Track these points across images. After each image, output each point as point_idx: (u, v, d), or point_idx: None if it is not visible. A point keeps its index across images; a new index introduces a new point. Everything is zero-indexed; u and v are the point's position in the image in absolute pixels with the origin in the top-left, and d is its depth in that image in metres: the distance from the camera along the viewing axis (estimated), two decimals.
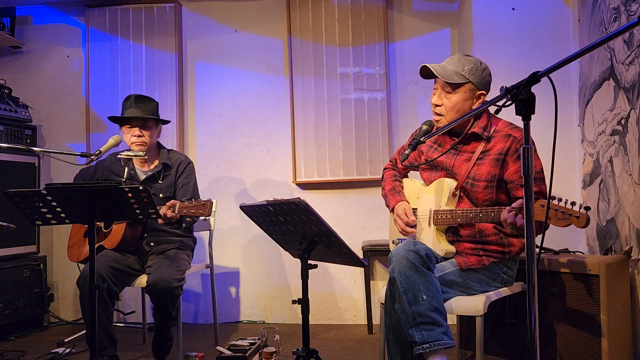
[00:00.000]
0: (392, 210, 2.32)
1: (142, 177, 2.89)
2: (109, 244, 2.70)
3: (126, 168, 2.85)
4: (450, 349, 1.88)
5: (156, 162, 2.93)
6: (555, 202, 1.70)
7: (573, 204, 1.71)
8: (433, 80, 2.18)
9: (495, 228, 2.10)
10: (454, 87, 2.09)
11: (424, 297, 1.87)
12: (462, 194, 2.15)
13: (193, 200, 2.55)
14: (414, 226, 2.20)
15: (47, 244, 3.94)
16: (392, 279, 1.96)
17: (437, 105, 2.14)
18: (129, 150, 2.80)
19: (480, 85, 2.12)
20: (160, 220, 2.57)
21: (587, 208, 1.67)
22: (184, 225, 2.80)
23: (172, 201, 2.56)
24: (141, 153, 2.75)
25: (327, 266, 3.64)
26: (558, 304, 2.31)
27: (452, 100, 2.11)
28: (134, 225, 2.72)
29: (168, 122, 3.08)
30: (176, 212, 2.50)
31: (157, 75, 3.88)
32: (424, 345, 1.84)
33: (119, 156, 2.79)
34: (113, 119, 2.92)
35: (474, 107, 2.13)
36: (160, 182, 2.86)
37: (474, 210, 2.02)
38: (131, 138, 2.81)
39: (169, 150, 3.00)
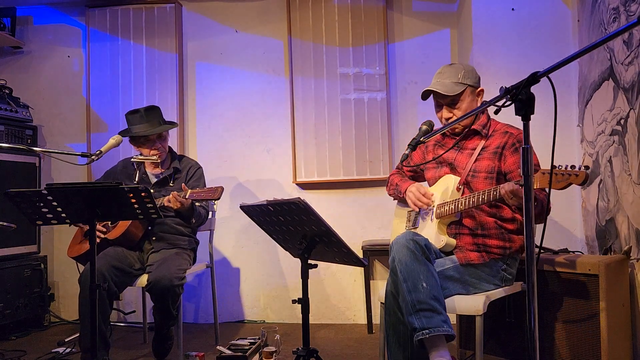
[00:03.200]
0: (404, 193, 2.36)
1: (154, 180, 2.94)
2: (112, 235, 2.72)
3: (138, 171, 2.94)
4: (450, 340, 1.89)
5: (167, 166, 2.98)
6: (556, 168, 1.74)
7: (573, 167, 1.75)
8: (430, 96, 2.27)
9: (496, 223, 2.14)
10: (458, 97, 2.20)
11: (424, 284, 1.89)
12: (464, 187, 2.21)
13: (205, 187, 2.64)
14: (430, 198, 2.25)
15: (48, 243, 3.94)
16: (392, 268, 1.99)
17: (448, 119, 2.23)
18: (141, 154, 2.90)
19: (476, 84, 2.25)
20: (169, 204, 2.61)
21: (587, 167, 1.70)
22: (193, 220, 2.80)
23: (183, 185, 2.63)
24: (154, 157, 2.85)
25: (327, 266, 3.64)
26: (558, 304, 2.31)
27: (462, 109, 2.21)
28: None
29: (176, 125, 3.13)
30: (187, 197, 2.57)
31: (157, 76, 3.89)
32: (423, 331, 1.85)
33: (132, 159, 2.90)
34: (132, 139, 2.92)
35: (479, 104, 2.24)
36: (171, 184, 2.92)
37: (475, 193, 2.06)
38: (152, 151, 2.88)
39: (180, 156, 3.07)
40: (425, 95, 2.26)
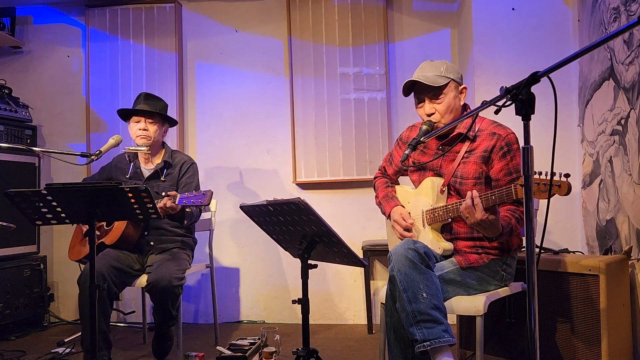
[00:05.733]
0: (388, 217, 2.34)
1: (146, 174, 2.91)
2: (109, 240, 2.71)
3: (131, 165, 2.90)
4: (451, 347, 1.88)
5: (159, 160, 2.95)
6: (537, 176, 1.69)
7: (554, 174, 1.71)
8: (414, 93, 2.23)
9: None
10: (442, 89, 2.14)
11: (424, 295, 1.87)
12: (451, 191, 2.16)
13: (194, 191, 2.57)
14: (411, 230, 2.21)
15: (48, 243, 3.94)
16: (391, 277, 1.96)
17: (430, 114, 2.17)
18: (134, 145, 2.85)
19: (460, 80, 2.19)
20: (160, 211, 2.57)
21: (567, 175, 1.67)
22: (185, 222, 2.80)
23: (172, 192, 2.57)
24: (144, 148, 2.80)
25: (327, 266, 3.62)
26: (558, 304, 2.31)
27: (445, 103, 2.15)
28: (135, 222, 2.73)
29: (175, 122, 3.09)
30: (176, 201, 2.52)
31: (157, 75, 3.89)
32: (425, 343, 1.84)
33: (123, 150, 2.86)
34: (121, 112, 2.95)
35: (461, 103, 2.20)
36: (162, 179, 2.88)
37: (462, 200, 2.02)
38: (137, 131, 2.85)
39: (172, 151, 3.02)
40: (407, 91, 2.22)
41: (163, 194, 2.80)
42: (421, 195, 2.23)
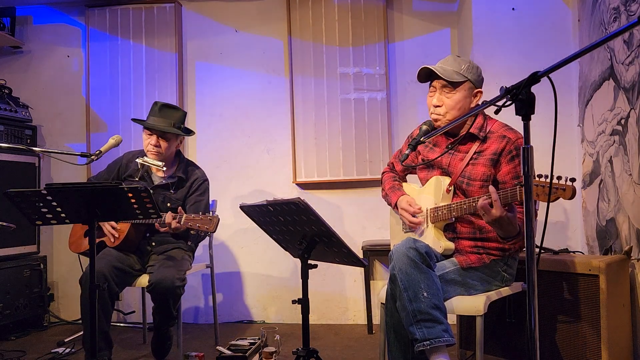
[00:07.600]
0: (395, 206, 2.33)
1: (156, 181, 2.87)
2: (111, 243, 2.70)
3: (141, 169, 2.86)
4: (451, 346, 1.89)
5: (172, 172, 2.89)
6: (542, 179, 1.69)
7: (559, 178, 1.71)
8: (428, 82, 2.20)
9: None
10: (455, 85, 2.11)
11: (425, 294, 1.87)
12: (458, 191, 2.16)
13: (200, 214, 2.53)
14: (419, 220, 2.21)
15: (47, 243, 3.94)
16: (392, 276, 1.97)
17: (437, 106, 2.15)
18: (147, 157, 2.79)
19: (477, 83, 2.15)
20: (160, 227, 2.56)
21: (573, 179, 1.67)
22: (189, 242, 2.77)
23: (179, 209, 2.53)
24: (160, 163, 2.73)
25: (327, 266, 3.62)
26: (558, 304, 2.31)
27: (453, 99, 2.12)
28: (138, 225, 2.73)
29: (192, 133, 3.03)
30: (182, 222, 2.48)
31: (157, 75, 3.89)
32: (424, 342, 1.84)
33: (137, 160, 2.80)
34: (135, 121, 2.92)
35: (472, 105, 2.16)
36: (172, 191, 2.83)
37: (467, 200, 2.03)
38: (147, 145, 2.79)
39: (187, 162, 2.97)
40: (423, 77, 2.17)
41: (169, 204, 2.78)
42: (426, 193, 2.23)
